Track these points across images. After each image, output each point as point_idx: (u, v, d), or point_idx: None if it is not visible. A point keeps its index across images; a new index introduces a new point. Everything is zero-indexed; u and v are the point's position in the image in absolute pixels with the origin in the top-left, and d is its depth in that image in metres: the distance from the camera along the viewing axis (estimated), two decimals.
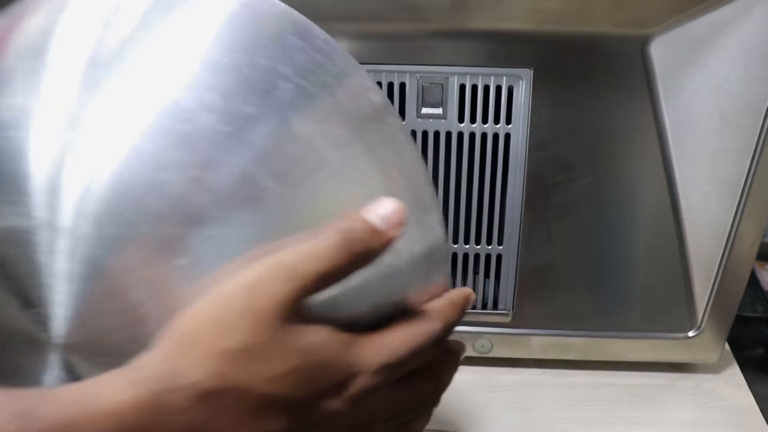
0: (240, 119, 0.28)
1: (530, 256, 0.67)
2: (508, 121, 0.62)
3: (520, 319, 0.70)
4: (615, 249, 0.66)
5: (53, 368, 0.29)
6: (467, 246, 0.67)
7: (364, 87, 0.33)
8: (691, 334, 0.69)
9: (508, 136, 0.63)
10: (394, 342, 0.29)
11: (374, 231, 0.27)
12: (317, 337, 0.26)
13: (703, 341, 0.69)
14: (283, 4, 0.32)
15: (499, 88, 0.62)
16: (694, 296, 0.67)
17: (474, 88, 0.62)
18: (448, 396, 0.70)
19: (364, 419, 0.29)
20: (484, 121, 0.63)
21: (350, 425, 0.28)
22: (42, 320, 0.28)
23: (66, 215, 0.27)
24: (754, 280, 0.95)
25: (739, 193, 0.61)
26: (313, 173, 0.29)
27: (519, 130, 0.62)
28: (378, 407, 0.29)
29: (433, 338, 0.31)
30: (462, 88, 0.62)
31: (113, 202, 0.27)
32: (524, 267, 0.67)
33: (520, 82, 0.61)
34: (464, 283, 0.69)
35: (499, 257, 0.67)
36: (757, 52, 0.56)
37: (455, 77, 0.61)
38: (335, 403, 0.27)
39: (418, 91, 0.62)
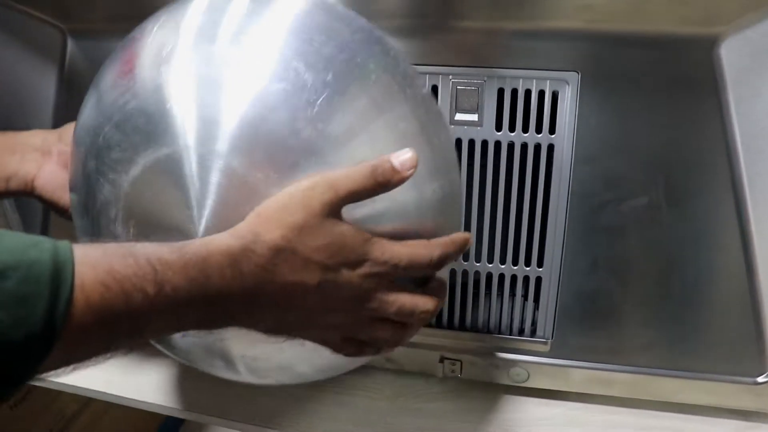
0: (348, 98, 0.42)
1: (573, 280, 0.60)
2: (552, 131, 0.56)
3: (560, 349, 0.63)
4: (672, 279, 0.58)
5: None
6: (503, 266, 0.61)
7: (418, 83, 0.47)
8: (761, 379, 0.60)
9: (551, 148, 0.56)
10: (398, 251, 0.42)
11: (394, 169, 0.41)
12: (345, 229, 0.40)
13: None
14: (364, 20, 0.47)
15: (542, 94, 0.55)
16: (766, 335, 0.59)
17: (514, 92, 0.55)
18: (475, 426, 0.64)
19: (368, 295, 0.42)
20: (525, 129, 0.56)
21: (357, 295, 0.42)
22: (195, 218, 0.42)
23: (222, 143, 0.41)
24: None
25: None
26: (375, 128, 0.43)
27: (563, 141, 0.56)
28: (380, 292, 0.42)
29: (429, 259, 0.43)
30: (500, 92, 0.56)
31: (248, 134, 0.41)
32: (566, 292, 0.60)
33: (566, 86, 0.54)
34: (500, 306, 0.63)
35: (538, 280, 0.61)
36: None
37: (493, 80, 0.55)
38: (350, 275, 0.41)
39: (452, 95, 0.57)
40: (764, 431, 0.63)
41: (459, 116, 0.57)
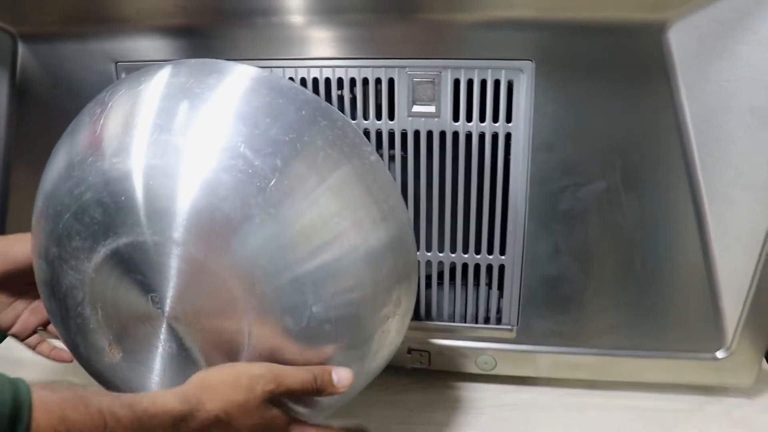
0: (297, 180, 0.43)
1: (536, 267, 0.60)
2: (508, 120, 0.56)
3: (526, 335, 0.63)
4: (631, 261, 0.59)
5: (163, 334, 0.46)
6: (466, 255, 0.61)
7: (365, 150, 0.48)
8: (719, 354, 0.62)
9: (508, 137, 0.57)
10: None
11: (331, 382, 0.46)
12: (275, 414, 0.45)
13: (735, 363, 0.62)
14: (310, 94, 0.48)
15: (497, 83, 0.55)
16: (723, 313, 0.60)
17: (470, 83, 0.56)
18: (445, 415, 0.64)
19: None
20: (482, 119, 0.57)
21: None
22: (157, 300, 0.45)
23: (177, 231, 0.42)
24: None
25: None
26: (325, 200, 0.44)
27: (520, 129, 0.56)
28: None
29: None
30: (456, 83, 0.56)
31: (203, 222, 0.42)
32: (530, 279, 0.61)
33: (521, 75, 0.55)
34: (465, 296, 0.63)
35: (501, 268, 0.61)
36: None
37: (448, 72, 0.55)
38: None
39: (408, 88, 0.56)
40: (723, 405, 0.65)
41: (416, 108, 0.57)
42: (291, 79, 0.58)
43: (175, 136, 0.43)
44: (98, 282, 0.46)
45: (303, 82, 0.58)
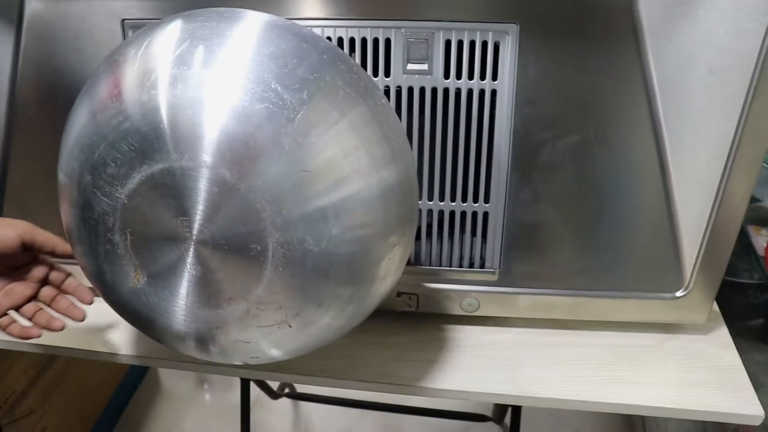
0: (321, 113, 0.48)
1: (517, 214, 0.66)
2: (495, 78, 0.62)
3: (507, 278, 0.70)
4: (602, 208, 0.65)
5: (190, 257, 0.50)
6: (453, 203, 0.67)
7: (377, 93, 0.52)
8: (678, 294, 0.69)
9: (494, 93, 0.62)
10: None
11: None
12: None
13: (691, 302, 0.69)
14: (329, 41, 0.56)
15: (485, 44, 0.61)
16: (682, 256, 0.67)
17: (460, 43, 0.61)
18: (432, 353, 0.70)
19: None
20: (470, 77, 0.62)
21: None
22: (187, 225, 0.48)
23: (207, 155, 0.46)
24: (749, 247, 0.94)
25: (728, 150, 0.60)
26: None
27: (505, 86, 0.62)
28: None
29: None
30: (447, 43, 0.61)
31: (237, 148, 0.46)
32: (511, 225, 0.67)
33: (507, 37, 0.60)
34: (451, 241, 0.69)
35: (485, 215, 0.67)
36: (748, 4, 0.55)
37: (440, 32, 0.61)
38: None
39: (403, 47, 0.62)
40: (681, 341, 0.72)
41: (410, 66, 0.62)
42: None
43: (210, 70, 0.47)
44: (130, 208, 0.49)
45: None
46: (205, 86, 0.47)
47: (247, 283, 0.49)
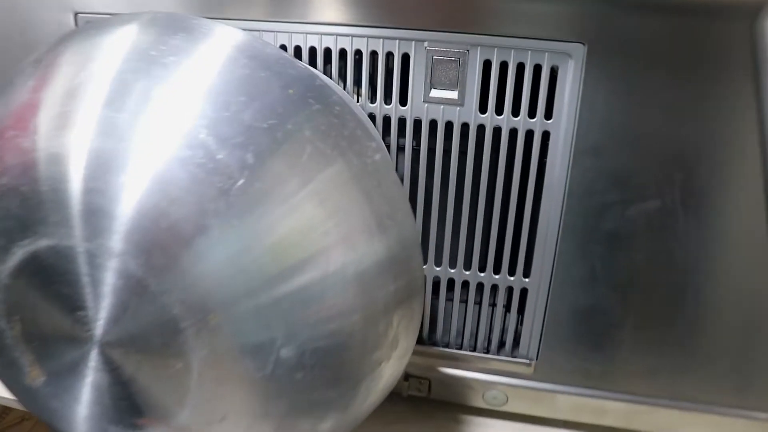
0: (273, 181, 0.33)
1: (566, 295, 0.50)
2: (548, 115, 0.45)
3: (546, 371, 0.53)
4: (683, 296, 0.48)
5: (93, 361, 0.36)
6: (482, 274, 0.51)
7: (367, 146, 0.37)
8: None
9: (546, 136, 0.46)
10: None
11: None
12: None
13: None
14: (303, 67, 0.36)
15: (538, 69, 0.44)
16: None
17: (503, 66, 0.45)
18: None
19: None
20: (515, 112, 0.46)
21: None
22: (86, 322, 0.34)
23: (109, 236, 0.32)
24: None
25: None
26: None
27: (561, 127, 0.45)
28: None
29: None
30: (486, 65, 0.45)
31: (145, 230, 0.32)
32: (556, 308, 0.51)
33: (569, 61, 0.44)
34: (477, 318, 0.53)
35: (523, 292, 0.51)
36: None
37: (477, 50, 0.45)
38: None
39: (426, 67, 0.46)
40: None
41: (435, 93, 0.46)
42: (283, 47, 0.47)
43: (123, 114, 0.33)
44: (15, 290, 0.36)
45: (297, 51, 0.47)
46: (111, 137, 0.32)
47: (168, 404, 0.35)
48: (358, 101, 0.48)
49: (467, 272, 0.51)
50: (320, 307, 0.35)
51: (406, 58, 0.46)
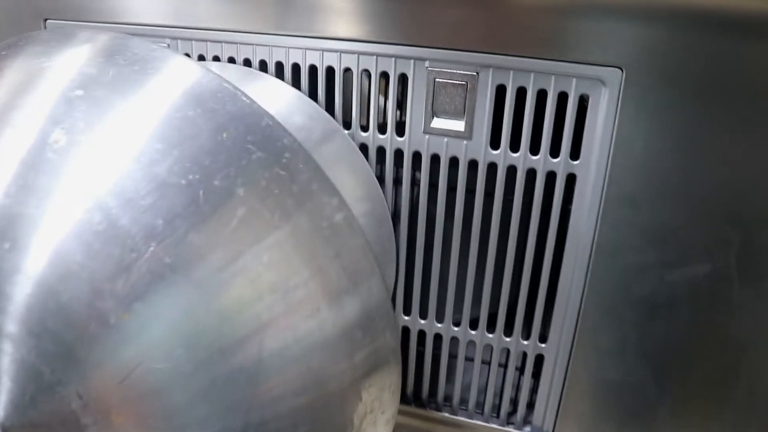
0: (190, 255, 0.26)
1: (589, 365, 0.42)
2: (575, 155, 0.37)
3: None
4: (733, 378, 0.40)
5: None
6: (491, 335, 0.43)
7: (326, 203, 0.30)
8: None
9: (572, 179, 0.38)
10: None
11: None
12: None
13: None
14: (247, 102, 0.28)
15: (563, 97, 0.36)
16: None
17: (521, 92, 0.37)
18: None
19: None
20: (534, 150, 0.38)
21: None
22: None
23: (10, 322, 0.27)
24: None
25: None
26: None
27: (591, 169, 0.37)
28: None
29: None
30: (500, 90, 0.37)
31: (35, 306, 0.26)
32: (577, 379, 0.43)
33: (602, 90, 0.35)
34: (485, 381, 0.45)
35: (539, 359, 0.43)
36: None
37: (489, 72, 0.37)
38: None
39: (428, 91, 0.38)
40: None
41: (437, 122, 0.39)
42: (262, 62, 0.40)
43: (32, 171, 0.27)
44: None
45: (279, 68, 0.40)
46: (10, 195, 0.26)
47: None
48: (347, 130, 0.40)
49: (473, 332, 0.43)
50: (267, 384, 0.28)
51: (403, 78, 0.38)
